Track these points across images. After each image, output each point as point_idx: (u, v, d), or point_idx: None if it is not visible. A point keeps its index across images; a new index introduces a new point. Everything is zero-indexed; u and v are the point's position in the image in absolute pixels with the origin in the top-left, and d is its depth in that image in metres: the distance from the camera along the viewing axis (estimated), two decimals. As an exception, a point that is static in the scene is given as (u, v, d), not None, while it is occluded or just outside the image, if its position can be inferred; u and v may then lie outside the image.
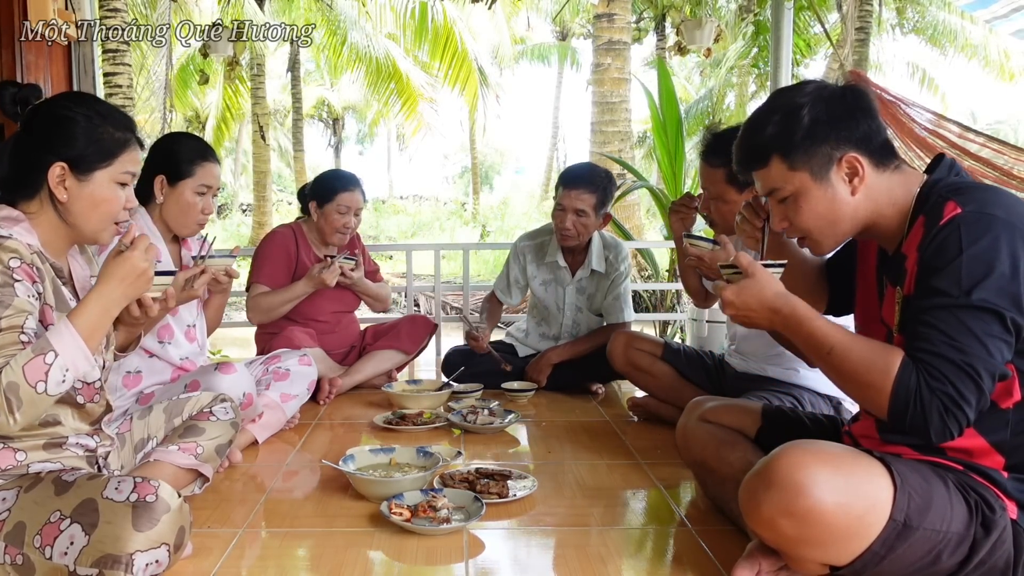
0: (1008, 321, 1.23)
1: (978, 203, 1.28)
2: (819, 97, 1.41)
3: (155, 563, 1.38)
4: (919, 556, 1.28)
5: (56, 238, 1.56)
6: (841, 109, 1.40)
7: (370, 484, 1.95)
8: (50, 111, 1.55)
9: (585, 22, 18.73)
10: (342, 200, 3.08)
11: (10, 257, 1.42)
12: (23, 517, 1.42)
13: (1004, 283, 1.23)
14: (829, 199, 1.41)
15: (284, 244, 3.13)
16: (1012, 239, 1.24)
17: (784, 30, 3.97)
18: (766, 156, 1.45)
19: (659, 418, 2.73)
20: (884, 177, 1.41)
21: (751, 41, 9.96)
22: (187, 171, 2.27)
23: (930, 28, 13.81)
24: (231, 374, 2.22)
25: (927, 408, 1.24)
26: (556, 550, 1.74)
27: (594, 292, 3.28)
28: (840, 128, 1.39)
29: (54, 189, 1.51)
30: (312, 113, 25.18)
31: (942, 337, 1.25)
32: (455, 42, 11.64)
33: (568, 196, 3.07)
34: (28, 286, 1.43)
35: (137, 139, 1.61)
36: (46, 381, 1.35)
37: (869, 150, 1.40)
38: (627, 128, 9.15)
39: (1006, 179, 4.63)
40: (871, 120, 1.41)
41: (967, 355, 1.23)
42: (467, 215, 23.15)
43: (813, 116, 1.40)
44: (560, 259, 3.25)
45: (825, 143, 1.40)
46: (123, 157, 1.57)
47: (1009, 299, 1.23)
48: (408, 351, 3.33)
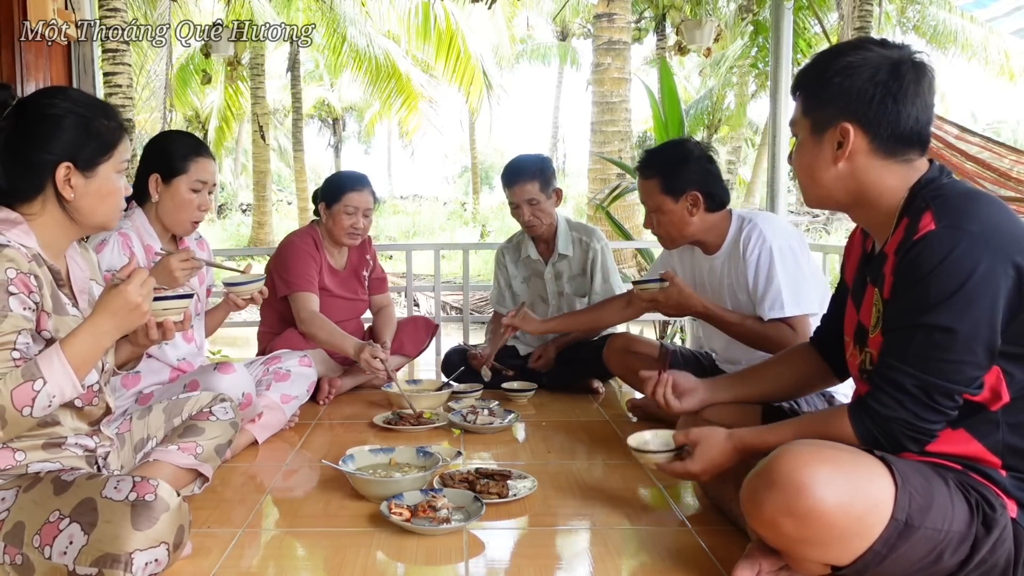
0: (972, 342, 1.24)
1: (953, 217, 1.27)
2: (858, 63, 1.37)
3: (154, 562, 1.38)
4: (921, 555, 1.27)
5: (57, 237, 1.56)
6: (864, 83, 1.36)
7: (370, 484, 1.95)
8: (38, 111, 1.52)
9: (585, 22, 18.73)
10: (350, 200, 3.04)
11: (7, 267, 1.40)
12: (22, 517, 1.42)
13: (969, 302, 1.23)
14: (813, 155, 1.44)
15: (306, 248, 3.08)
16: (982, 255, 1.23)
17: (784, 30, 3.97)
18: (799, 89, 1.48)
19: (658, 418, 2.72)
20: (882, 164, 1.39)
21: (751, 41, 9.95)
22: (181, 167, 2.27)
23: (930, 28, 13.82)
24: (230, 374, 2.22)
25: (893, 434, 1.33)
26: (556, 550, 1.74)
27: (573, 274, 3.30)
28: (853, 99, 1.37)
29: (61, 189, 1.50)
30: (312, 113, 25.18)
31: (901, 361, 1.30)
32: (458, 44, 11.65)
33: (514, 192, 3.14)
34: (24, 298, 1.42)
35: (124, 127, 1.61)
36: (32, 406, 1.36)
37: (876, 132, 1.38)
38: (627, 128, 9.16)
39: (1004, 180, 4.63)
40: (895, 104, 1.36)
41: (921, 380, 1.28)
42: (467, 215, 23.15)
43: (833, 78, 1.38)
44: (533, 252, 3.33)
45: (832, 106, 1.39)
46: (120, 147, 1.57)
47: (972, 318, 1.24)
48: (409, 354, 3.33)
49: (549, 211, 3.17)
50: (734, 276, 2.39)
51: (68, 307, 1.55)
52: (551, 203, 3.18)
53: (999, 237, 1.25)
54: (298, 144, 17.14)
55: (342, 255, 3.23)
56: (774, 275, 2.26)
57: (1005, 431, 1.32)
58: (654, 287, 2.38)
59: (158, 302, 1.64)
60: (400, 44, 13.38)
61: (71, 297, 1.59)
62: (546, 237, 3.28)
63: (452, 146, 35.44)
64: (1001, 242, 1.25)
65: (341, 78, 16.62)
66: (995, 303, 1.24)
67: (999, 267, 1.24)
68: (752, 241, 2.32)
